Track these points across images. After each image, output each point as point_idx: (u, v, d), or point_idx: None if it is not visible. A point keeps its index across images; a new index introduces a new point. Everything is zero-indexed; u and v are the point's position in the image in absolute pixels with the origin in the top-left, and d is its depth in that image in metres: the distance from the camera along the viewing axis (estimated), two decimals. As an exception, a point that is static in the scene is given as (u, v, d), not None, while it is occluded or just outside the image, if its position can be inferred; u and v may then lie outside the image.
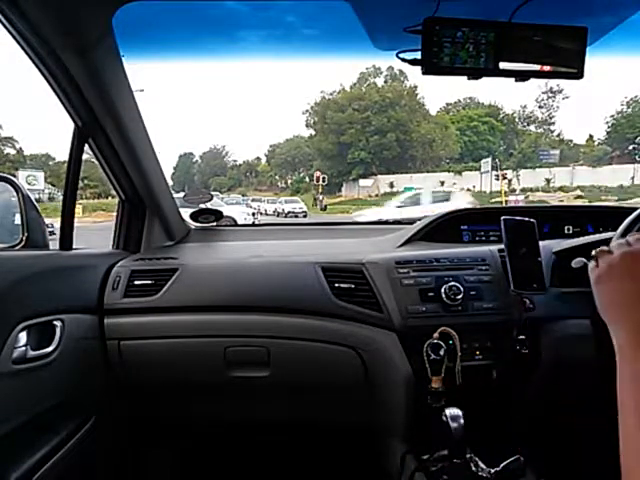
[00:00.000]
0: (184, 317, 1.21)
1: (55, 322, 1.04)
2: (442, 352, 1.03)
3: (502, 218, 1.12)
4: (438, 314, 1.10)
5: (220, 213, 1.67)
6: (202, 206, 1.67)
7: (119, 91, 1.11)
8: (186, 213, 1.65)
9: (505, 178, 24.64)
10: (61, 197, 1.20)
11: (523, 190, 25.13)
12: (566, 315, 1.13)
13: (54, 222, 1.84)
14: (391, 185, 30.16)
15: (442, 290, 1.10)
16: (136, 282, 1.24)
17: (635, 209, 1.06)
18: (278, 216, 19.52)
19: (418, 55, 0.86)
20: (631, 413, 0.51)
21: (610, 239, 1.04)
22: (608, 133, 30.80)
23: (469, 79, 0.90)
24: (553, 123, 34.73)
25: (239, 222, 6.74)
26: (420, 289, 1.12)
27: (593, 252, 0.66)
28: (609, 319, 0.60)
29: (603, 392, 1.12)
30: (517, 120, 36.87)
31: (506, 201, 18.62)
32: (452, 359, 1.06)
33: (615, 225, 1.07)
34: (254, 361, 1.19)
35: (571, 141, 34.35)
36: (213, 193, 1.88)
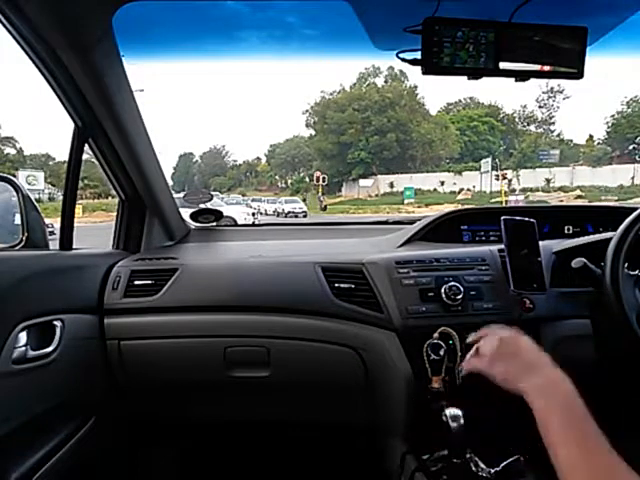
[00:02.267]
0: (184, 317, 1.21)
1: (55, 322, 1.03)
2: (442, 352, 1.03)
3: (502, 218, 1.12)
4: (438, 314, 1.10)
5: (220, 213, 1.67)
6: (202, 206, 1.67)
7: (119, 91, 1.11)
8: (186, 213, 1.65)
9: (505, 178, 24.66)
10: (61, 197, 1.20)
11: (523, 190, 25.14)
12: (566, 315, 1.13)
13: (54, 222, 1.84)
14: (391, 185, 30.19)
15: (442, 290, 1.10)
16: (136, 282, 1.24)
17: (635, 209, 1.07)
18: (278, 216, 19.53)
19: (418, 55, 0.86)
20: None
21: (610, 239, 1.05)
22: (608, 133, 30.80)
23: (469, 79, 0.90)
24: (553, 123, 34.81)
25: (239, 222, 6.74)
26: (420, 289, 1.12)
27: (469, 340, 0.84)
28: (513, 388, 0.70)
29: (603, 392, 1.12)
30: (517, 120, 36.90)
31: (506, 201, 18.65)
32: (452, 359, 1.05)
33: (615, 225, 1.07)
34: (254, 361, 1.19)
35: (571, 141, 34.36)
36: (213, 193, 1.89)
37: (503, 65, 0.87)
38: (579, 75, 0.90)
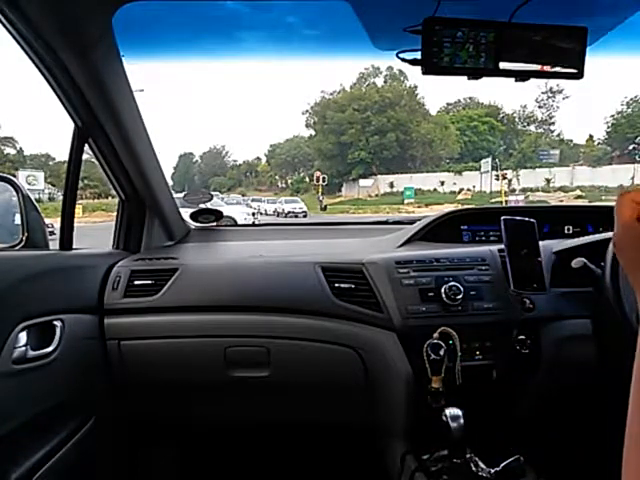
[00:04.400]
0: (184, 317, 1.21)
1: (55, 322, 1.03)
2: (442, 352, 1.03)
3: (502, 218, 1.12)
4: (438, 314, 1.10)
5: (220, 213, 1.67)
6: (202, 206, 1.67)
7: (119, 91, 1.11)
8: (186, 213, 1.65)
9: (505, 178, 24.66)
10: (61, 197, 1.20)
11: (523, 190, 25.12)
12: (566, 315, 1.13)
13: (54, 222, 1.84)
14: (391, 185, 30.16)
15: (442, 290, 1.10)
16: (136, 282, 1.24)
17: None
18: (278, 216, 19.51)
19: (418, 55, 0.86)
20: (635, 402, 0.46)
21: (609, 239, 1.05)
22: (608, 133, 30.74)
23: (469, 79, 0.90)
24: (553, 123, 34.69)
25: (239, 222, 6.73)
26: (420, 289, 1.12)
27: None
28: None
29: (603, 392, 1.12)
30: (517, 120, 36.84)
31: (506, 201, 18.63)
32: (452, 359, 1.06)
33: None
34: (254, 361, 1.19)
35: (571, 141, 34.28)
36: (213, 193, 1.89)
37: (503, 65, 0.87)
38: (579, 75, 0.90)
